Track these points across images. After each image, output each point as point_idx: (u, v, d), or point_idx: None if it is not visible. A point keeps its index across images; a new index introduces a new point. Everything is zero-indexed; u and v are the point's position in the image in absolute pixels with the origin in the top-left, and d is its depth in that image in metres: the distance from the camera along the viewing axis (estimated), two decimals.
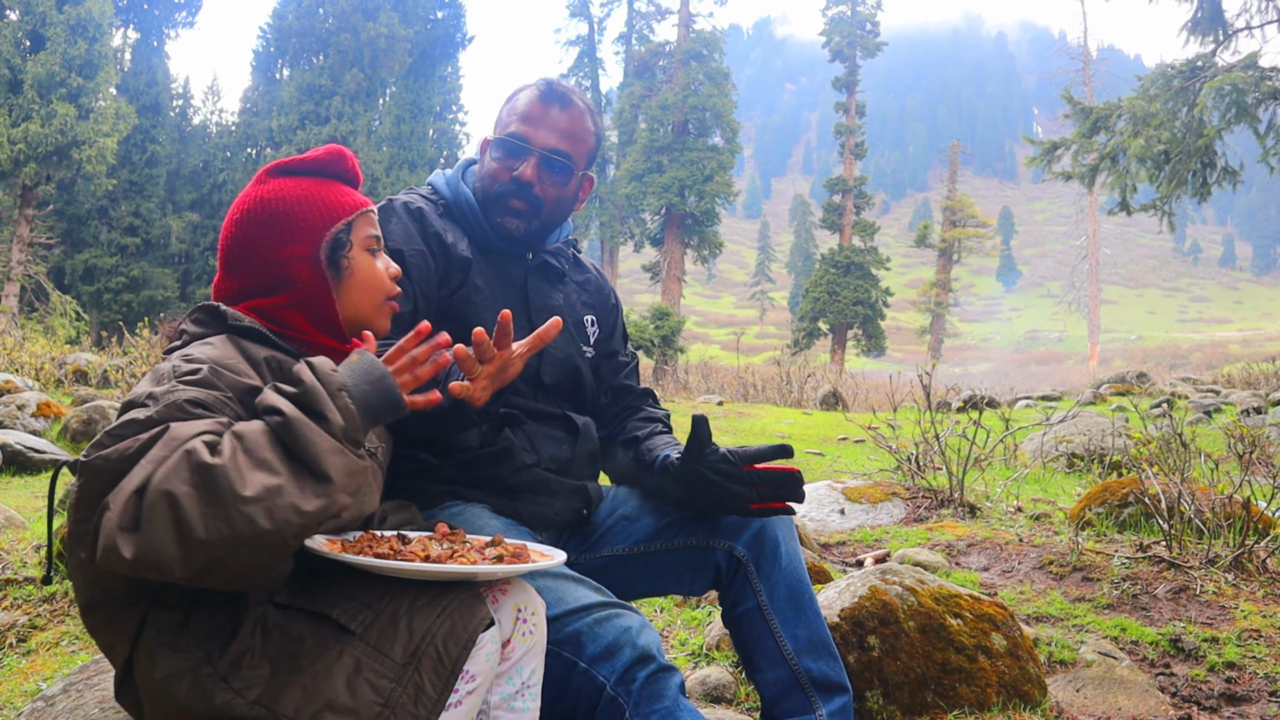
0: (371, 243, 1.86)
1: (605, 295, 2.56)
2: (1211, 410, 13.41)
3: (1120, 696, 2.96)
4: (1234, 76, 11.62)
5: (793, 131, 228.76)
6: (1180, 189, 13.23)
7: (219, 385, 1.52)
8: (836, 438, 11.37)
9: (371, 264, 1.84)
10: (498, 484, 2.16)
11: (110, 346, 16.53)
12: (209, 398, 1.48)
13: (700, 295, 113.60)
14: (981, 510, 5.59)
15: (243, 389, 1.55)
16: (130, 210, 36.55)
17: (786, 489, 2.11)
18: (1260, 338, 73.31)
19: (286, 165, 1.85)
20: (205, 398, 1.48)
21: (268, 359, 1.68)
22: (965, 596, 2.98)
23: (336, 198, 1.82)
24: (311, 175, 1.85)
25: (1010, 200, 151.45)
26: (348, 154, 1.88)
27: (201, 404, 1.47)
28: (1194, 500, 4.48)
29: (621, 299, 2.68)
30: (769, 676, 2.14)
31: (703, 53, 42.64)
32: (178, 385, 1.48)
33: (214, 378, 1.53)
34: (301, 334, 1.77)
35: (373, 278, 1.84)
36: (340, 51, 37.79)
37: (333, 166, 1.86)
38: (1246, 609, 3.66)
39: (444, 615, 1.52)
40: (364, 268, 1.83)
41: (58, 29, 28.95)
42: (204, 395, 1.48)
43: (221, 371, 1.55)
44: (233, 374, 1.57)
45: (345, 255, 1.80)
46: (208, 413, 1.46)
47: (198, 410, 1.45)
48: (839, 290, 43.73)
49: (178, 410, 1.44)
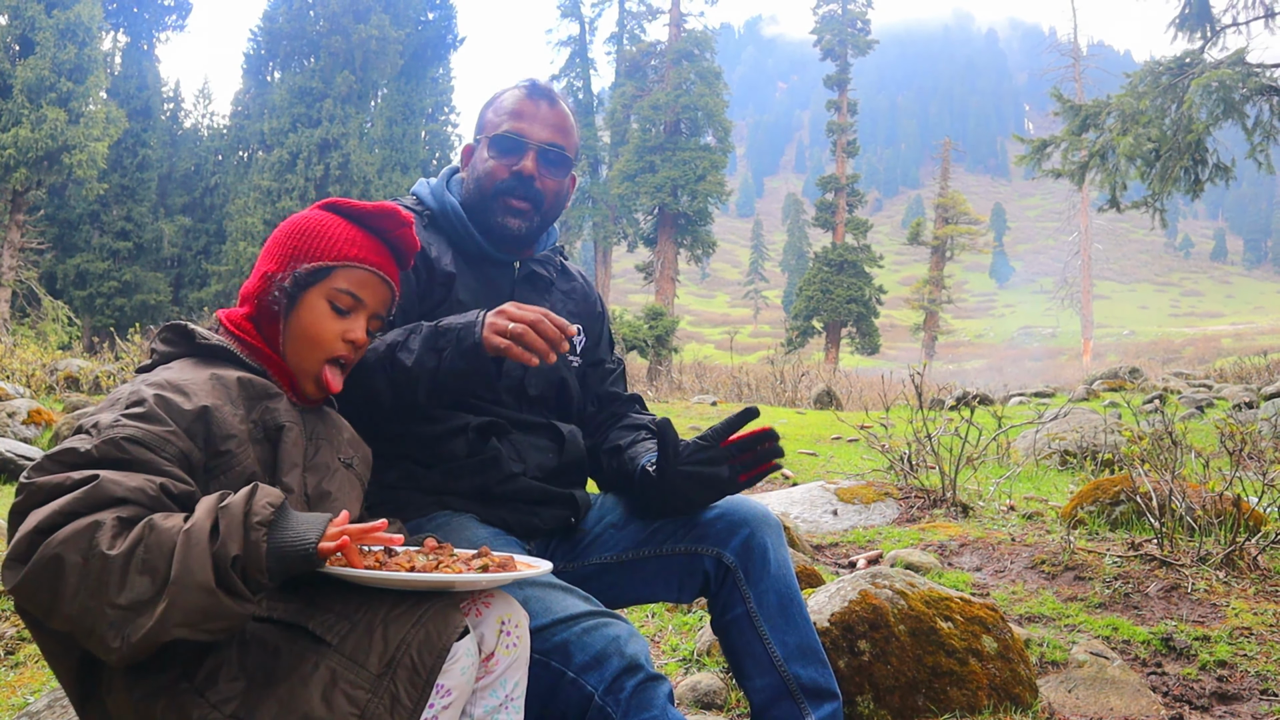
0: (342, 299, 1.80)
1: (591, 303, 2.55)
2: (1204, 405, 13.44)
3: (1112, 697, 2.96)
4: (1221, 73, 11.64)
5: (785, 130, 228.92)
6: (1172, 186, 13.24)
7: (163, 419, 1.53)
8: (830, 437, 11.38)
9: (323, 317, 1.78)
10: (485, 493, 2.15)
11: (102, 352, 16.49)
12: (148, 436, 1.49)
13: (694, 295, 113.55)
14: (974, 509, 5.60)
15: (190, 416, 1.56)
16: (122, 214, 36.45)
17: (766, 449, 2.14)
18: (1252, 331, 73.46)
19: (340, 204, 1.87)
20: (144, 436, 1.49)
21: (241, 379, 1.68)
22: (956, 599, 2.97)
23: (338, 242, 1.81)
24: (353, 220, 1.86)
25: (1002, 196, 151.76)
26: (400, 214, 1.86)
27: (139, 442, 1.48)
28: (1185, 498, 4.49)
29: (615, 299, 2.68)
30: (758, 683, 2.13)
31: (694, 52, 42.65)
32: (121, 419, 1.50)
33: (160, 410, 1.53)
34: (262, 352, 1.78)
35: (315, 331, 1.78)
36: (331, 54, 37.70)
37: (377, 221, 1.86)
38: (1238, 606, 3.67)
39: (419, 624, 1.51)
40: (311, 316, 1.78)
41: (47, 33, 28.84)
42: (143, 433, 1.49)
43: (170, 400, 1.55)
44: (181, 402, 1.56)
45: (303, 294, 1.79)
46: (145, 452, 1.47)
47: (134, 449, 1.47)
48: (833, 288, 43.76)
49: (114, 448, 1.46)
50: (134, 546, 1.35)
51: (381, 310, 1.87)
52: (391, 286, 1.88)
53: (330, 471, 1.78)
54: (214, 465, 1.58)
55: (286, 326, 1.78)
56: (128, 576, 1.33)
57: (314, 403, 1.85)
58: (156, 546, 1.35)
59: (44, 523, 1.35)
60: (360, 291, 1.81)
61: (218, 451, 1.58)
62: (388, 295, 1.87)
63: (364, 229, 1.85)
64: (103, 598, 1.32)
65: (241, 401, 1.66)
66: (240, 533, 1.37)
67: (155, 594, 1.33)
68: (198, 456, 1.56)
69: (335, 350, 1.79)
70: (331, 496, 1.75)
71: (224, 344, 1.73)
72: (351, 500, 1.81)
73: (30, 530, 1.35)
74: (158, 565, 1.35)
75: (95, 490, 1.38)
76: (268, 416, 1.70)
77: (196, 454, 1.55)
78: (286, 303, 1.78)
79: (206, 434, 1.57)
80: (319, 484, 1.74)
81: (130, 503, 1.40)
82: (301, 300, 1.78)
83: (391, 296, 1.89)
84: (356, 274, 1.81)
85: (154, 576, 1.34)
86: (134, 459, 1.46)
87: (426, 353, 1.94)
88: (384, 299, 1.86)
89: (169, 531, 1.37)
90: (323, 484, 1.75)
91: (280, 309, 1.78)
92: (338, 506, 1.75)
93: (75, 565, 1.32)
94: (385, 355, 1.98)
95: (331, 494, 1.76)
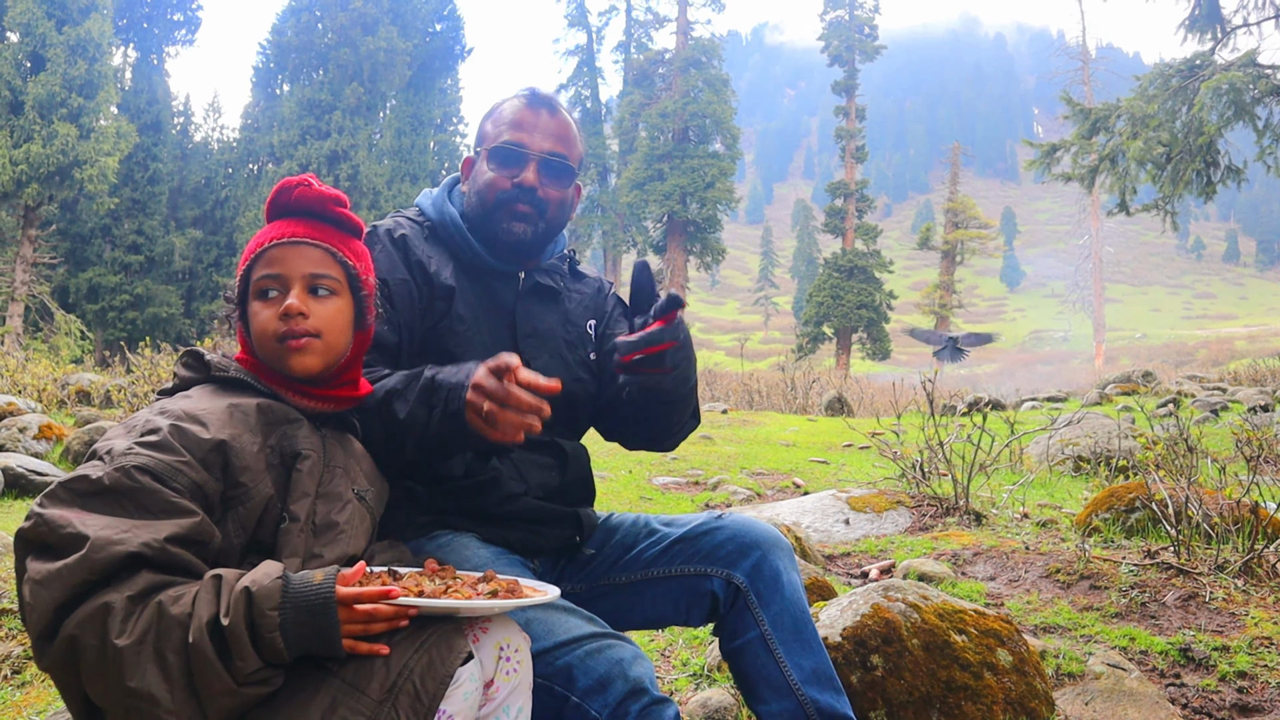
0: (263, 284, 1.79)
1: (603, 295, 2.50)
2: (1218, 408, 13.33)
3: (1130, 709, 2.91)
4: (1232, 75, 11.55)
5: (793, 136, 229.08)
6: (1183, 189, 13.17)
7: (177, 449, 1.53)
8: (841, 445, 11.32)
9: (260, 311, 1.78)
10: (485, 513, 2.13)
11: (114, 365, 16.53)
12: (160, 466, 1.50)
13: (704, 302, 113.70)
14: (987, 517, 5.55)
15: (207, 447, 1.56)
16: (133, 228, 36.69)
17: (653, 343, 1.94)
18: (1266, 333, 73.13)
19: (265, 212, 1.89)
20: (156, 466, 1.50)
21: (260, 406, 1.68)
22: (970, 611, 2.93)
23: (247, 249, 1.83)
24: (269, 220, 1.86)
25: (1012, 200, 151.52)
26: (288, 180, 1.83)
27: (149, 472, 1.49)
28: (1201, 504, 4.43)
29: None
30: (775, 708, 2.09)
31: (701, 60, 42.76)
32: (134, 447, 1.51)
33: (173, 439, 1.54)
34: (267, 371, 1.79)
35: (259, 327, 1.77)
36: (340, 66, 37.90)
37: (277, 204, 1.84)
38: (1257, 615, 3.61)
39: (422, 650, 1.49)
40: (253, 317, 1.78)
41: (58, 50, 29.07)
42: (155, 463, 1.50)
43: (186, 430, 1.55)
44: (199, 432, 1.56)
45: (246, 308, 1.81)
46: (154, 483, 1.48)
47: (144, 479, 1.48)
48: (843, 294, 43.74)
49: (125, 477, 1.47)
50: (144, 636, 1.37)
51: (315, 269, 1.80)
52: (311, 243, 1.81)
53: (342, 503, 1.76)
54: (232, 496, 1.58)
55: (250, 339, 1.80)
56: (139, 665, 1.36)
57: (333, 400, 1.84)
58: (166, 635, 1.38)
59: (58, 598, 1.38)
60: (273, 269, 1.78)
61: (236, 482, 1.58)
62: (312, 253, 1.81)
63: (271, 220, 1.85)
64: (119, 683, 1.35)
65: (260, 429, 1.66)
66: (251, 650, 1.39)
67: (170, 687, 1.36)
68: (214, 487, 1.55)
69: (275, 330, 1.76)
70: (339, 528, 1.73)
71: (239, 373, 1.75)
72: (359, 534, 1.79)
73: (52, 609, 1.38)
74: (168, 657, 1.37)
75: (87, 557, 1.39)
76: (285, 443, 1.70)
77: (213, 484, 1.55)
78: (242, 324, 1.81)
79: (224, 465, 1.57)
80: (328, 514, 1.72)
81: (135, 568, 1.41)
82: (248, 314, 1.79)
83: (321, 252, 1.82)
84: (264, 258, 1.79)
85: (165, 668, 1.37)
86: (142, 488, 1.47)
87: (419, 407, 1.87)
88: (308, 259, 1.80)
89: (178, 620, 1.39)
90: (332, 514, 1.73)
91: (243, 329, 1.81)
92: (344, 539, 1.73)
93: (92, 648, 1.36)
94: (383, 401, 1.93)
95: (339, 525, 1.73)
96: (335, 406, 1.85)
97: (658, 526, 2.30)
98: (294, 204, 1.82)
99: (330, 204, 1.84)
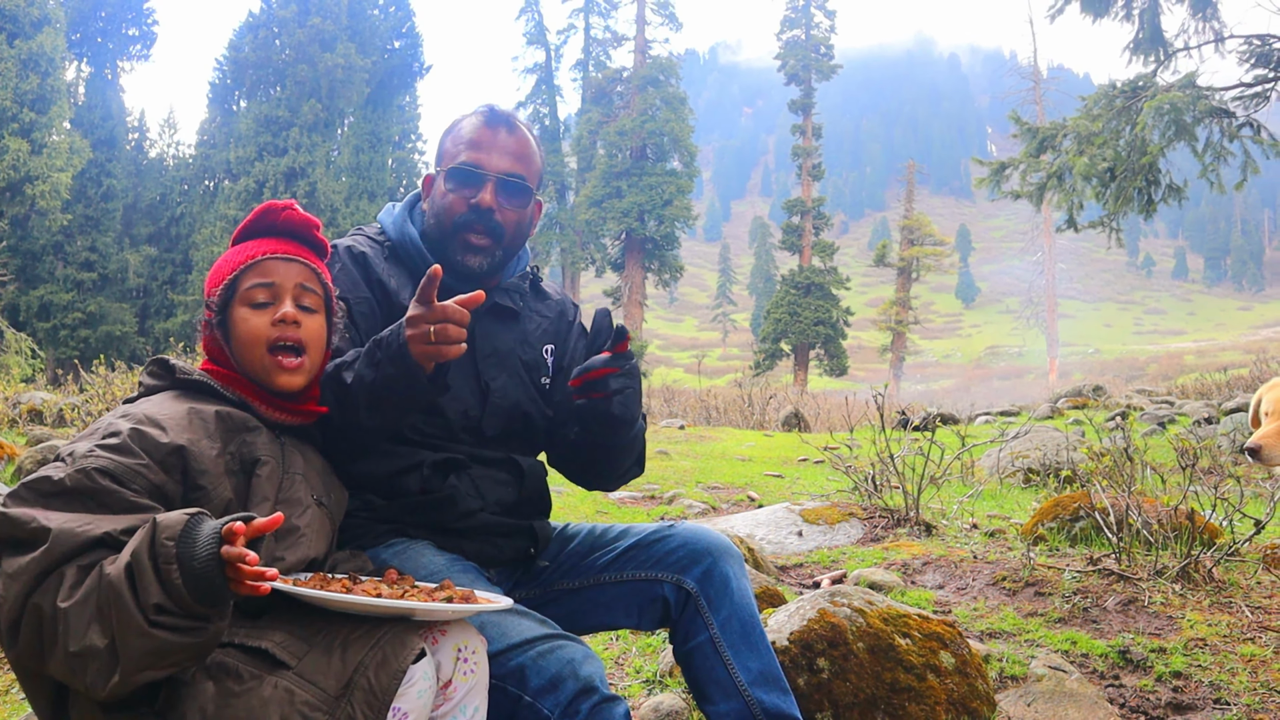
0: (255, 294, 1.86)
1: (565, 317, 2.53)
2: (1165, 421, 13.60)
3: (1070, 709, 3.01)
4: (1172, 96, 11.89)
5: (751, 154, 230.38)
6: (1126, 206, 13.47)
7: (136, 452, 1.58)
8: (796, 459, 11.42)
9: (249, 317, 1.84)
10: (442, 528, 2.17)
11: (67, 384, 16.30)
12: (118, 468, 1.55)
13: (662, 319, 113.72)
14: (937, 528, 5.65)
15: (165, 450, 1.61)
16: (86, 245, 36.16)
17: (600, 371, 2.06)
18: (1214, 348, 74.58)
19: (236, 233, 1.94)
20: (115, 468, 1.54)
21: (219, 413, 1.73)
22: (914, 616, 3.02)
23: (234, 257, 1.88)
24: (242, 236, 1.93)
25: (967, 218, 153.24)
26: (274, 203, 1.91)
27: (109, 474, 1.54)
28: (1142, 512, 4.56)
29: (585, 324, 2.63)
30: (722, 708, 2.15)
31: (659, 78, 42.99)
32: (95, 449, 1.56)
33: (133, 442, 1.58)
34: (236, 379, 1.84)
35: (247, 331, 1.84)
36: (298, 82, 37.68)
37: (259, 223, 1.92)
38: (1193, 618, 3.74)
39: (376, 647, 1.54)
40: (242, 325, 1.84)
41: (8, 64, 28.70)
42: (114, 465, 1.55)
43: (145, 434, 1.60)
44: (158, 435, 1.61)
45: (229, 314, 1.86)
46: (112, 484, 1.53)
47: (103, 481, 1.52)
48: (800, 311, 44.04)
49: (85, 478, 1.51)
50: (86, 596, 1.40)
51: (304, 282, 1.90)
52: (300, 261, 1.91)
53: (302, 508, 1.81)
54: (193, 498, 1.62)
55: (230, 347, 1.85)
56: (80, 626, 1.38)
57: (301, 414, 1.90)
58: (104, 593, 1.40)
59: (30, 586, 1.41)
60: (267, 278, 1.86)
61: (196, 485, 1.63)
62: (301, 269, 1.91)
63: (251, 237, 1.91)
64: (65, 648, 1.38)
65: (219, 435, 1.71)
66: (153, 579, 1.39)
67: (110, 641, 1.38)
68: (174, 489, 1.60)
69: (268, 335, 1.84)
70: (299, 532, 1.78)
71: (204, 378, 1.80)
72: (320, 538, 1.84)
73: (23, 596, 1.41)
74: (107, 613, 1.39)
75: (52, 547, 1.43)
76: (245, 450, 1.75)
77: (173, 486, 1.60)
78: (221, 330, 1.85)
79: (184, 468, 1.62)
80: (289, 519, 1.76)
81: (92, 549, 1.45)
82: (230, 319, 1.85)
83: (308, 270, 1.92)
84: (256, 269, 1.86)
85: (104, 624, 1.39)
86: (102, 489, 1.51)
87: (365, 366, 1.93)
88: (298, 273, 1.90)
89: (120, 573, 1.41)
90: (292, 519, 1.78)
91: (220, 336, 1.85)
92: (305, 543, 1.79)
93: (47, 616, 1.40)
94: (332, 374, 1.99)
95: (300, 529, 1.79)
96: (301, 420, 1.91)
97: (611, 535, 2.35)
98: (280, 225, 1.90)
99: (314, 228, 1.94)
